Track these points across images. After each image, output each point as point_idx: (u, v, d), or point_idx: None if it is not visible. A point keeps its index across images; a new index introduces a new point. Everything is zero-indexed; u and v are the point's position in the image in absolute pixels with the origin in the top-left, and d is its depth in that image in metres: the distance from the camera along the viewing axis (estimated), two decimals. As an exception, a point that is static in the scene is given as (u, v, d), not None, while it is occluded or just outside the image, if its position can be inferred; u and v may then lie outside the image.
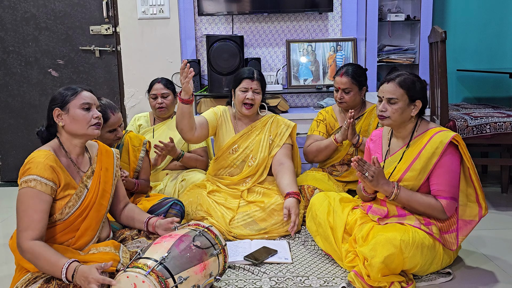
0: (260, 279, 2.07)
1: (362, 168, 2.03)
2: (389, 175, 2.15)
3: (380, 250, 1.89)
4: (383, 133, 2.31)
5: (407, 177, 2.10)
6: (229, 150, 2.76)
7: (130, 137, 2.63)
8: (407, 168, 2.10)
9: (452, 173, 2.06)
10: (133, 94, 3.76)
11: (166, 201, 2.45)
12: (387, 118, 2.13)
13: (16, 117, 3.93)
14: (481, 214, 2.12)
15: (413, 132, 2.16)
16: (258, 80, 2.71)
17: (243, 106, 2.71)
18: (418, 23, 3.60)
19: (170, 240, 1.78)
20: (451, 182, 2.06)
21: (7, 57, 3.83)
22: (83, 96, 1.90)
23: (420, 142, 2.11)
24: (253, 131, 2.77)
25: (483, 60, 3.90)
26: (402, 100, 2.10)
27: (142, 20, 3.68)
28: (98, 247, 1.88)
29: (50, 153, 1.84)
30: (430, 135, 2.10)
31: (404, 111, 2.11)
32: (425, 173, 2.07)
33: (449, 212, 2.07)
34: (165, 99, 3.02)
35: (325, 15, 3.82)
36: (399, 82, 2.11)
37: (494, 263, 2.25)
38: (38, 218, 1.75)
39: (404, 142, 2.18)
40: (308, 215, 2.37)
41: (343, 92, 2.81)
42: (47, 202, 1.78)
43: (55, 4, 3.76)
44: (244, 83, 2.70)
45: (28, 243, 1.72)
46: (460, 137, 2.07)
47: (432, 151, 2.05)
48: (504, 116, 3.02)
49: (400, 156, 2.16)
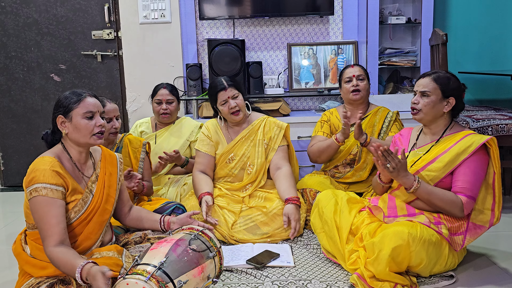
0: (263, 283, 2.07)
1: (385, 159, 2.03)
2: (412, 163, 2.17)
3: (387, 242, 1.91)
4: (413, 130, 2.36)
5: (431, 167, 2.12)
6: (226, 160, 2.75)
7: (129, 139, 2.64)
8: (434, 159, 2.13)
9: (477, 174, 2.08)
10: (135, 98, 3.77)
11: (169, 205, 2.46)
12: (419, 112, 2.18)
13: (18, 122, 3.94)
14: (492, 222, 2.12)
15: (445, 130, 2.19)
16: (230, 85, 2.68)
17: (232, 115, 2.69)
18: (419, 25, 3.61)
19: (167, 245, 1.78)
20: (475, 182, 2.08)
21: (10, 62, 3.85)
22: (86, 104, 1.89)
23: (452, 140, 2.15)
24: (246, 138, 2.75)
25: (485, 62, 3.90)
26: (434, 94, 2.15)
27: (143, 25, 3.69)
28: (101, 252, 1.88)
29: (54, 160, 1.85)
30: (463, 135, 2.14)
31: (435, 105, 2.15)
32: (451, 167, 2.09)
33: (467, 210, 2.08)
34: (169, 105, 3.03)
35: (326, 19, 3.82)
36: (434, 77, 2.18)
37: (498, 266, 2.24)
38: (55, 222, 1.77)
39: (434, 138, 2.22)
40: (314, 211, 2.35)
41: (357, 79, 2.80)
42: (62, 206, 1.81)
43: (57, 9, 3.78)
44: (220, 96, 2.68)
45: (49, 250, 1.75)
46: (495, 141, 2.09)
47: (464, 148, 2.08)
48: (506, 118, 3.01)
49: (427, 149, 2.19)
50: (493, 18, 3.85)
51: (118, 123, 2.53)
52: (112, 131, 2.51)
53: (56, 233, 1.76)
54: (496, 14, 3.84)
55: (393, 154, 2.03)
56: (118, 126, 2.53)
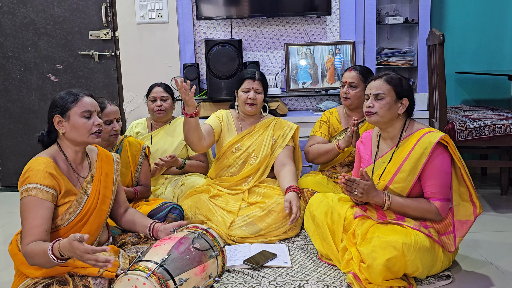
0: (260, 283, 2.07)
1: (351, 188, 2.03)
2: (379, 177, 2.16)
3: (382, 253, 1.89)
4: (373, 134, 2.32)
5: (397, 179, 2.11)
6: (232, 149, 2.79)
7: (129, 141, 2.63)
8: (397, 169, 2.11)
9: (443, 174, 2.07)
10: (132, 98, 3.77)
11: (165, 206, 2.46)
12: (374, 115, 2.14)
13: (15, 122, 3.93)
14: (476, 213, 2.11)
15: (401, 133, 2.17)
16: (259, 80, 2.77)
17: (246, 105, 2.76)
18: (416, 25, 3.61)
19: (170, 242, 1.80)
20: (443, 183, 2.07)
21: (7, 62, 3.84)
22: (83, 103, 1.89)
23: (409, 143, 2.12)
24: (256, 131, 2.81)
25: (482, 62, 3.90)
26: (389, 95, 2.12)
27: (141, 25, 3.69)
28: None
29: (49, 161, 1.84)
30: (419, 136, 2.10)
31: (391, 107, 2.12)
32: (415, 174, 2.07)
33: (443, 213, 2.08)
34: (164, 102, 3.03)
35: (323, 19, 3.83)
36: (386, 79, 2.15)
37: (494, 266, 2.25)
38: (38, 224, 1.74)
39: (393, 143, 2.19)
40: (306, 214, 2.37)
41: (349, 87, 2.80)
42: (48, 209, 1.79)
43: (54, 9, 3.77)
44: (245, 83, 2.76)
45: (25, 249, 1.72)
46: (449, 138, 2.08)
47: (421, 151, 2.06)
48: (503, 118, 3.02)
49: (389, 157, 2.17)
50: (490, 18, 3.85)
51: (118, 125, 2.52)
52: (112, 133, 2.49)
53: (35, 234, 1.73)
54: (493, 14, 3.85)
55: (357, 180, 2.01)
56: (118, 128, 2.52)
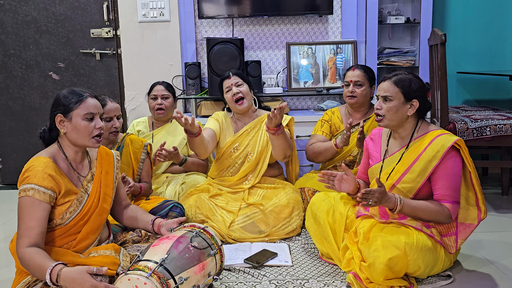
0: (260, 282, 2.07)
1: (367, 199, 1.95)
2: (387, 175, 2.15)
3: (384, 252, 1.89)
4: (383, 132, 2.30)
5: (405, 179, 2.09)
6: (230, 149, 2.80)
7: (131, 139, 2.63)
8: (406, 170, 2.09)
9: (455, 176, 2.05)
10: (133, 97, 3.77)
11: (166, 204, 2.46)
12: (383, 119, 2.12)
13: (17, 120, 3.93)
14: (480, 217, 2.11)
15: (412, 133, 2.15)
16: (234, 74, 2.81)
17: (236, 104, 2.76)
18: (418, 25, 3.60)
19: (168, 241, 1.80)
20: (454, 186, 2.05)
21: (8, 60, 3.84)
22: (87, 105, 1.87)
23: (421, 144, 2.10)
24: (252, 129, 2.81)
25: (483, 62, 3.90)
26: (396, 98, 2.09)
27: (142, 23, 3.69)
28: (99, 250, 1.88)
29: (49, 161, 1.84)
30: (431, 138, 2.08)
31: (398, 110, 2.10)
32: (424, 175, 2.06)
33: (454, 216, 2.06)
34: (164, 101, 3.03)
35: (325, 18, 3.82)
36: (394, 80, 2.11)
37: (495, 266, 2.25)
38: (34, 225, 1.74)
39: (403, 143, 2.17)
40: (308, 213, 2.36)
41: (354, 85, 2.80)
42: (45, 210, 1.78)
43: (55, 7, 3.77)
44: (224, 84, 2.81)
45: (21, 250, 1.72)
46: (462, 142, 2.06)
47: (433, 154, 2.04)
48: (504, 118, 3.02)
49: (399, 157, 2.15)
50: (492, 18, 3.85)
51: (118, 123, 2.51)
52: (112, 130, 2.49)
53: (31, 236, 1.73)
54: (495, 14, 3.84)
55: (370, 191, 1.94)
56: (119, 126, 2.52)
